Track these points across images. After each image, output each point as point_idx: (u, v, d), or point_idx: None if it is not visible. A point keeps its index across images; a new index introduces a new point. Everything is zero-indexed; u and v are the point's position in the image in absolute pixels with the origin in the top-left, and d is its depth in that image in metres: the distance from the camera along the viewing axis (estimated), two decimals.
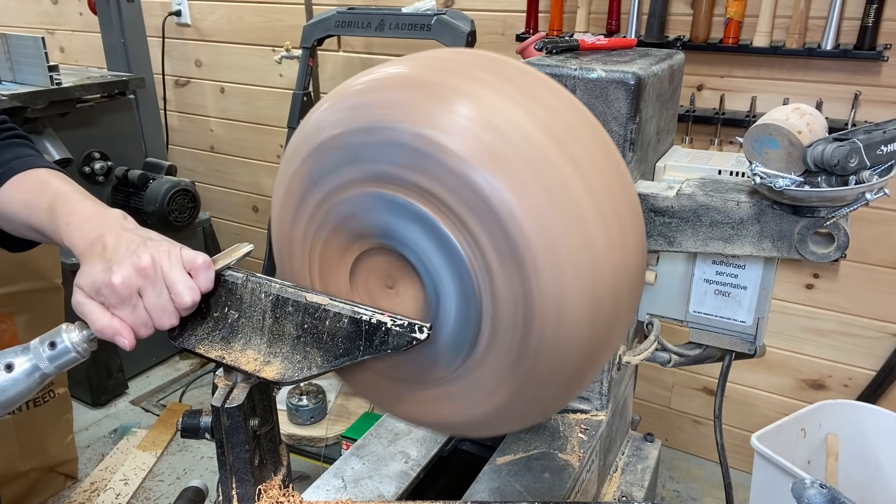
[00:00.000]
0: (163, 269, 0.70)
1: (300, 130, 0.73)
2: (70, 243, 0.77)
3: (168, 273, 0.70)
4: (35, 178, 0.88)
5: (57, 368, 0.71)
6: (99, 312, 0.70)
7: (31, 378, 0.70)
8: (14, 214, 0.87)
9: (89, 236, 0.75)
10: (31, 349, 0.71)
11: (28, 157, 0.93)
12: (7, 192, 0.88)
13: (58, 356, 0.71)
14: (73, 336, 0.71)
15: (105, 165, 2.84)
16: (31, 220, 0.84)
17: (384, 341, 0.66)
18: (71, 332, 0.71)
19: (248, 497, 0.73)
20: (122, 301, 0.70)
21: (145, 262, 0.69)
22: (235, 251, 0.77)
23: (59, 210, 0.80)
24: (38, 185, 0.87)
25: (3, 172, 0.89)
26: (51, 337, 0.71)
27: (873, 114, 1.95)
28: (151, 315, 0.71)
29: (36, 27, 3.68)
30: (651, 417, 2.62)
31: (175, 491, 2.41)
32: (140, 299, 0.70)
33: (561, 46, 1.14)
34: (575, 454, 1.09)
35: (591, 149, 0.66)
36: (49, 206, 0.82)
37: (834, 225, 0.94)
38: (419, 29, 2.21)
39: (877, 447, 1.87)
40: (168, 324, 0.72)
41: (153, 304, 0.70)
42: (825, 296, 2.19)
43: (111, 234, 0.74)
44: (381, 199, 0.67)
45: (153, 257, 0.70)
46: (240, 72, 3.12)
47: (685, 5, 2.12)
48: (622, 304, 0.68)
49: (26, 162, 0.91)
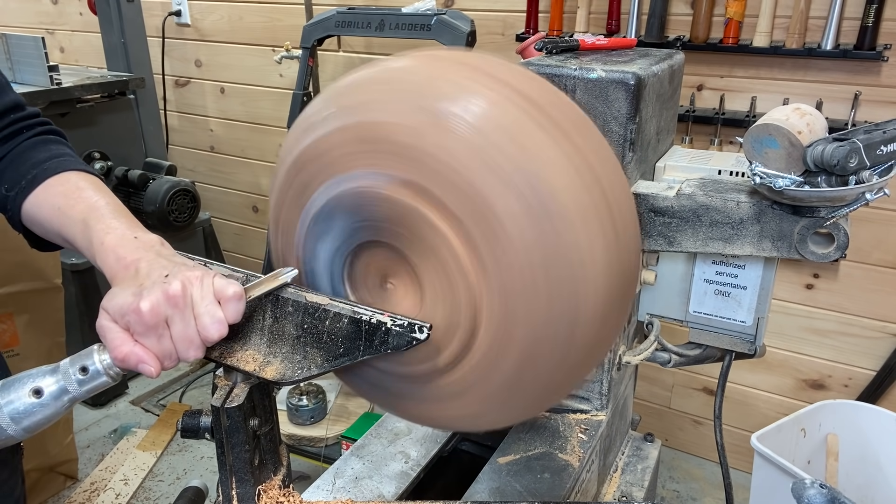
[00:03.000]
0: (193, 298, 0.66)
1: (294, 127, 0.74)
2: (103, 264, 0.73)
3: (198, 304, 0.66)
4: (69, 184, 0.84)
5: (87, 392, 0.67)
6: (121, 339, 0.66)
7: (59, 402, 0.66)
8: (47, 221, 0.83)
9: (124, 260, 0.71)
10: (60, 371, 0.67)
11: (62, 158, 0.88)
12: (39, 196, 0.84)
13: (88, 380, 0.67)
14: (106, 359, 0.67)
15: (105, 165, 2.84)
16: (64, 231, 0.81)
17: (384, 341, 0.66)
18: (103, 353, 0.67)
19: (248, 497, 0.73)
20: (147, 329, 0.65)
21: (175, 290, 0.65)
22: (274, 279, 0.72)
23: (93, 226, 0.76)
24: (71, 191, 0.83)
25: (36, 175, 0.85)
26: (82, 359, 0.67)
27: (873, 114, 1.95)
28: (177, 346, 0.67)
29: (36, 27, 3.68)
30: (651, 417, 2.63)
31: (175, 491, 2.41)
32: (167, 329, 0.66)
33: (561, 46, 1.14)
34: (575, 454, 1.09)
35: (576, 123, 0.67)
36: (83, 218, 0.78)
37: (834, 225, 0.94)
38: (419, 29, 2.21)
39: (877, 447, 1.87)
40: (193, 356, 0.67)
41: (180, 333, 0.66)
42: (825, 296, 2.19)
43: (146, 259, 0.70)
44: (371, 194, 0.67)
45: (184, 285, 0.66)
46: (240, 72, 3.12)
47: (685, 5, 2.12)
48: (613, 304, 0.68)
49: (60, 164, 0.87)
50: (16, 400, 0.65)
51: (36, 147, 0.91)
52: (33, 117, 0.94)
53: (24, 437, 0.67)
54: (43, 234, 0.88)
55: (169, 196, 2.77)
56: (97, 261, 0.74)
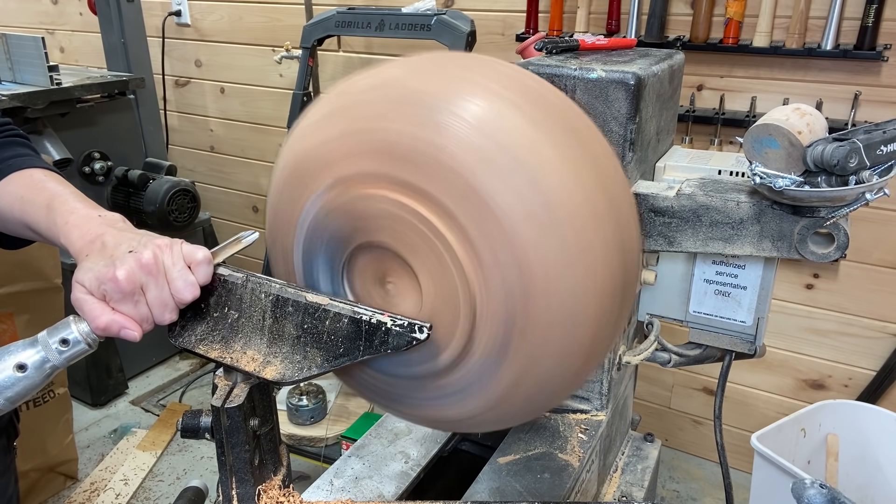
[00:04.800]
0: (164, 264, 0.71)
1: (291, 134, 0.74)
2: (67, 241, 0.77)
3: (170, 269, 0.71)
4: (32, 178, 0.89)
5: (66, 360, 0.72)
6: (100, 309, 0.70)
7: (40, 372, 0.71)
8: (8, 211, 0.87)
9: (88, 235, 0.75)
10: (39, 342, 0.71)
11: (26, 157, 0.93)
12: (3, 188, 0.88)
13: (68, 350, 0.71)
14: (83, 327, 0.71)
15: (105, 165, 2.84)
16: (27, 218, 0.84)
17: (384, 341, 0.66)
18: (80, 323, 0.71)
19: (248, 497, 0.73)
20: (124, 296, 0.70)
21: (148, 258, 0.70)
22: (238, 243, 0.77)
23: (57, 208, 0.81)
24: (35, 183, 0.87)
25: (1, 169, 0.89)
26: (59, 329, 0.71)
27: (873, 114, 1.95)
28: (152, 310, 0.71)
29: (36, 27, 3.68)
30: (651, 417, 2.63)
31: (175, 491, 2.41)
32: (142, 294, 0.71)
33: (561, 46, 1.14)
34: (575, 454, 1.09)
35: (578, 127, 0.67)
36: (47, 203, 0.82)
37: (834, 225, 0.94)
38: (419, 29, 2.21)
39: (877, 447, 1.88)
40: (168, 319, 0.73)
41: (155, 298, 0.71)
42: (825, 296, 2.19)
43: (110, 233, 0.75)
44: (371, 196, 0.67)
45: (155, 252, 0.71)
46: (240, 72, 3.12)
47: (685, 5, 2.12)
48: (614, 303, 0.68)
49: (24, 161, 0.91)
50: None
51: (0, 148, 0.94)
52: (2, 126, 0.98)
53: (9, 409, 0.70)
54: (4, 228, 0.91)
55: (169, 196, 2.77)
56: (61, 240, 0.78)
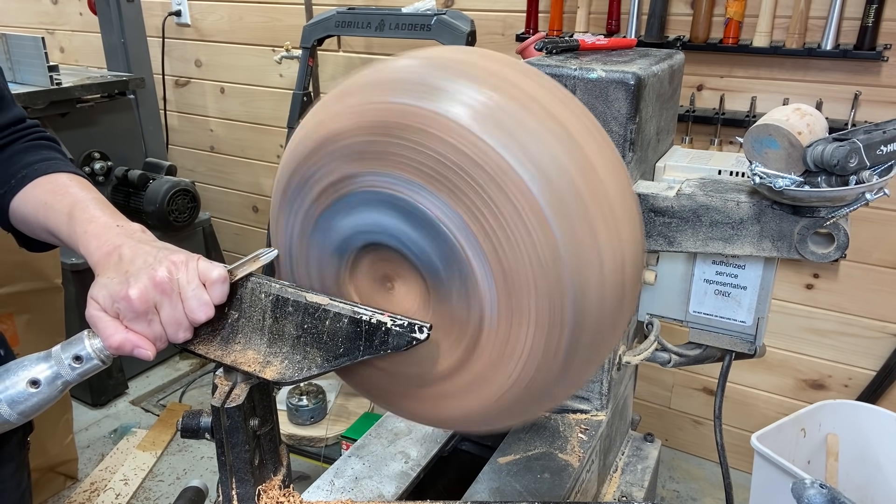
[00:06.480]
0: (179, 282, 0.69)
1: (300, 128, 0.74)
2: (86, 251, 0.75)
3: (185, 287, 0.69)
4: (56, 182, 0.87)
5: (79, 376, 0.71)
6: (113, 327, 0.69)
7: (53, 387, 0.70)
8: (32, 216, 0.86)
9: (105, 246, 0.73)
10: (52, 356, 0.70)
11: (52, 161, 0.92)
12: (28, 193, 0.87)
13: (81, 366, 0.70)
14: (96, 343, 0.70)
15: (105, 165, 2.84)
16: (49, 224, 0.83)
17: (384, 341, 0.66)
18: (93, 339, 0.70)
19: (248, 497, 0.73)
20: (137, 315, 0.68)
21: (162, 275, 0.68)
22: (256, 260, 0.74)
23: (77, 217, 0.79)
24: (58, 188, 0.86)
25: (26, 174, 0.88)
26: (73, 344, 0.70)
27: (873, 114, 1.95)
28: (166, 329, 0.70)
29: (36, 27, 3.68)
30: (651, 417, 2.63)
31: (175, 491, 2.41)
32: (156, 313, 0.69)
33: (561, 46, 1.14)
34: (575, 454, 1.09)
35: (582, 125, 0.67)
36: (68, 210, 0.81)
37: (834, 225, 0.94)
38: (419, 29, 2.21)
39: (877, 447, 1.88)
40: (182, 337, 0.70)
41: (169, 317, 0.69)
42: (825, 296, 2.19)
43: (128, 245, 0.72)
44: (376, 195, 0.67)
45: (170, 269, 0.69)
46: (240, 72, 3.12)
47: (685, 5, 2.12)
48: (617, 304, 0.68)
49: (50, 165, 0.90)
50: (11, 387, 0.69)
51: (28, 151, 0.93)
52: (31, 128, 0.97)
53: (21, 422, 0.70)
54: (28, 231, 0.90)
55: (169, 196, 2.77)
56: (80, 249, 0.77)
